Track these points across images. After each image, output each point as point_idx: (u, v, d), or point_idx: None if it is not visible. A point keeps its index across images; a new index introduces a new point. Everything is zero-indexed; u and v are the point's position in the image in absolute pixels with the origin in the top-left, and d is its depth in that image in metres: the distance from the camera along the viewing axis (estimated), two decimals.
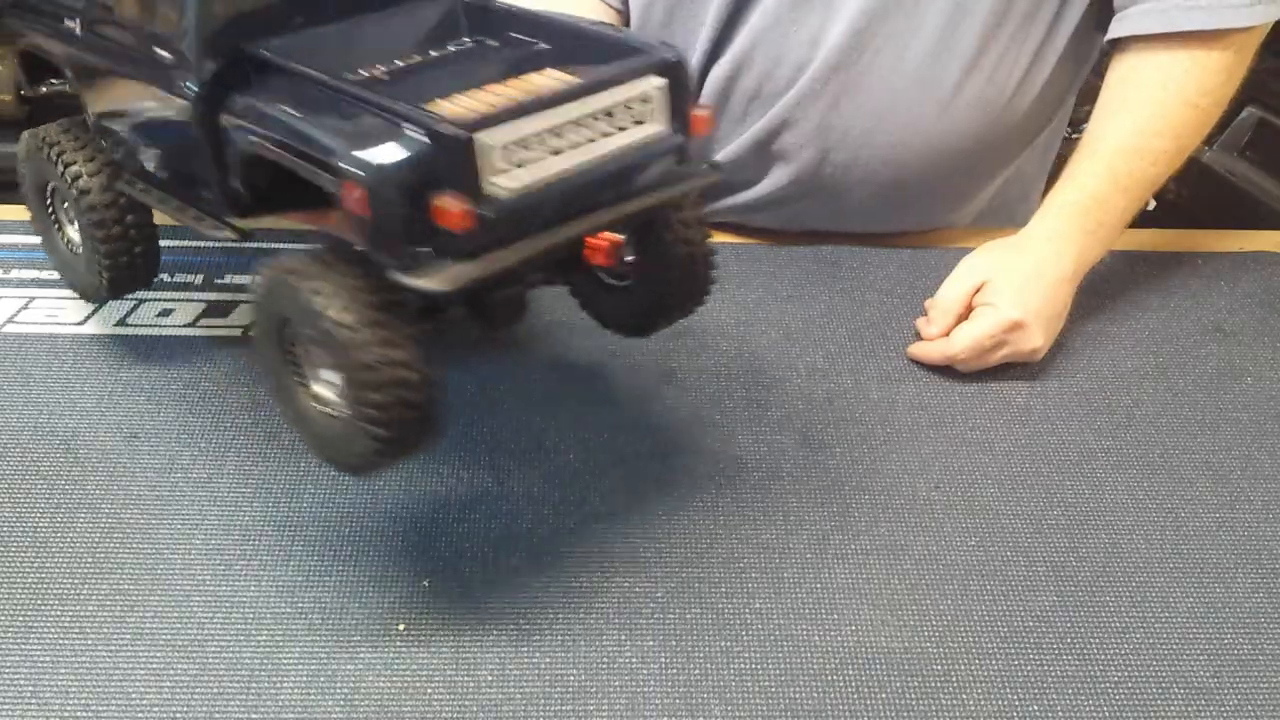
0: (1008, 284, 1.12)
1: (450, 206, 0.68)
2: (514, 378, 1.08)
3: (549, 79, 0.79)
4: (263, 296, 0.79)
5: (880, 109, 1.20)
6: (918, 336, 1.14)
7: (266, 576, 0.91)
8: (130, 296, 1.14)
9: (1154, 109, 1.17)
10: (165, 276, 1.15)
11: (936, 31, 1.18)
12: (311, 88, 0.75)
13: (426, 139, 0.69)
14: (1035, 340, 1.11)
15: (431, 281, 0.70)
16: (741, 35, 1.22)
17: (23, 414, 1.03)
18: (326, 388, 0.78)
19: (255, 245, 0.94)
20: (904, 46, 1.18)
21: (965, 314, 1.12)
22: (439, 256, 0.70)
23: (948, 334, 1.11)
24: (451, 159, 0.69)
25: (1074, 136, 2.62)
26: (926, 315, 1.15)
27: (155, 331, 1.12)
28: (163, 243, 1.01)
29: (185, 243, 1.19)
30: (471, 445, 1.02)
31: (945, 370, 1.12)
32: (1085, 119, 2.57)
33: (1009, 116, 1.25)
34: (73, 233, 1.00)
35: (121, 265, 0.97)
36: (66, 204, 0.97)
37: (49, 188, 0.98)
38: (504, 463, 1.00)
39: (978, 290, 1.13)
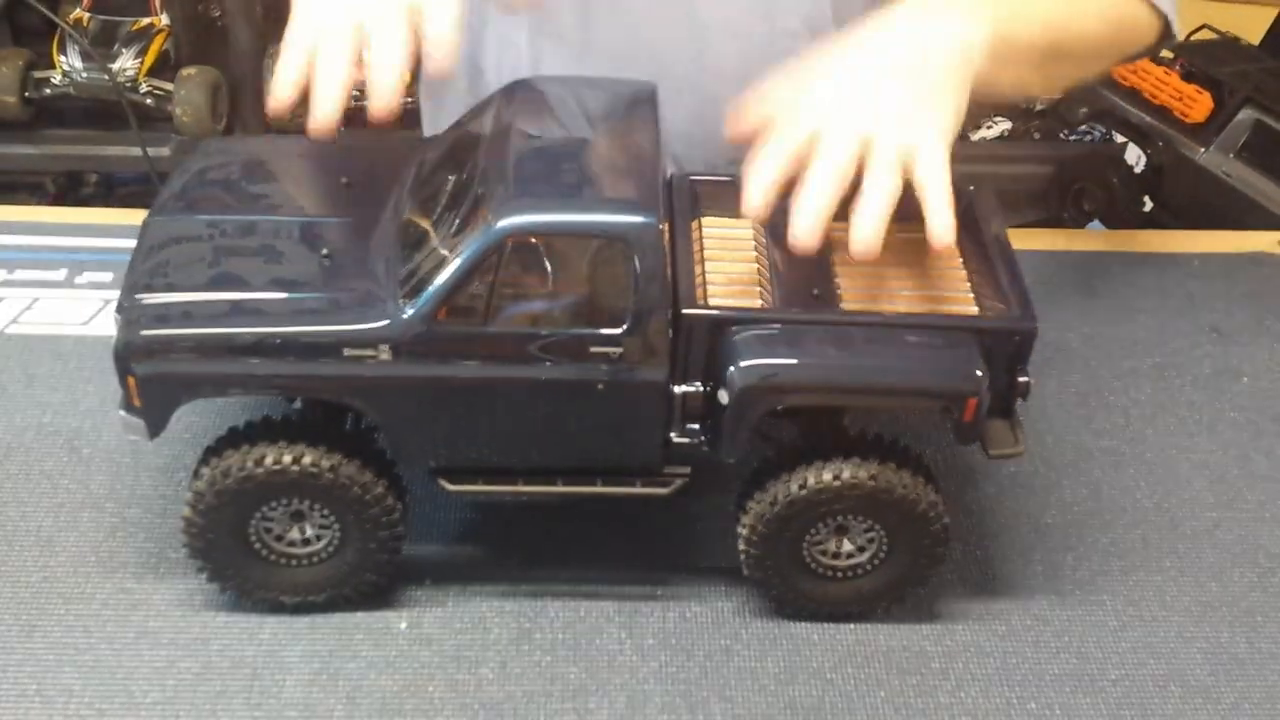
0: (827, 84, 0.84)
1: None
2: None
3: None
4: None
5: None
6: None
7: None
8: None
9: None
10: None
11: None
12: (818, 329, 0.84)
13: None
14: (910, 133, 0.81)
15: (1016, 448, 0.87)
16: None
17: (27, 414, 1.03)
18: (315, 540, 0.87)
19: None
20: None
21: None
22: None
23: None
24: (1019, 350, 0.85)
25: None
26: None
27: None
28: None
29: None
30: None
31: None
32: (1080, 120, 2.57)
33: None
34: (306, 545, 0.87)
35: (400, 544, 0.89)
36: (303, 517, 0.86)
37: (253, 517, 0.85)
38: None
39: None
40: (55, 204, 2.22)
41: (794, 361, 0.82)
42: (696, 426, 0.84)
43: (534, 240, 0.78)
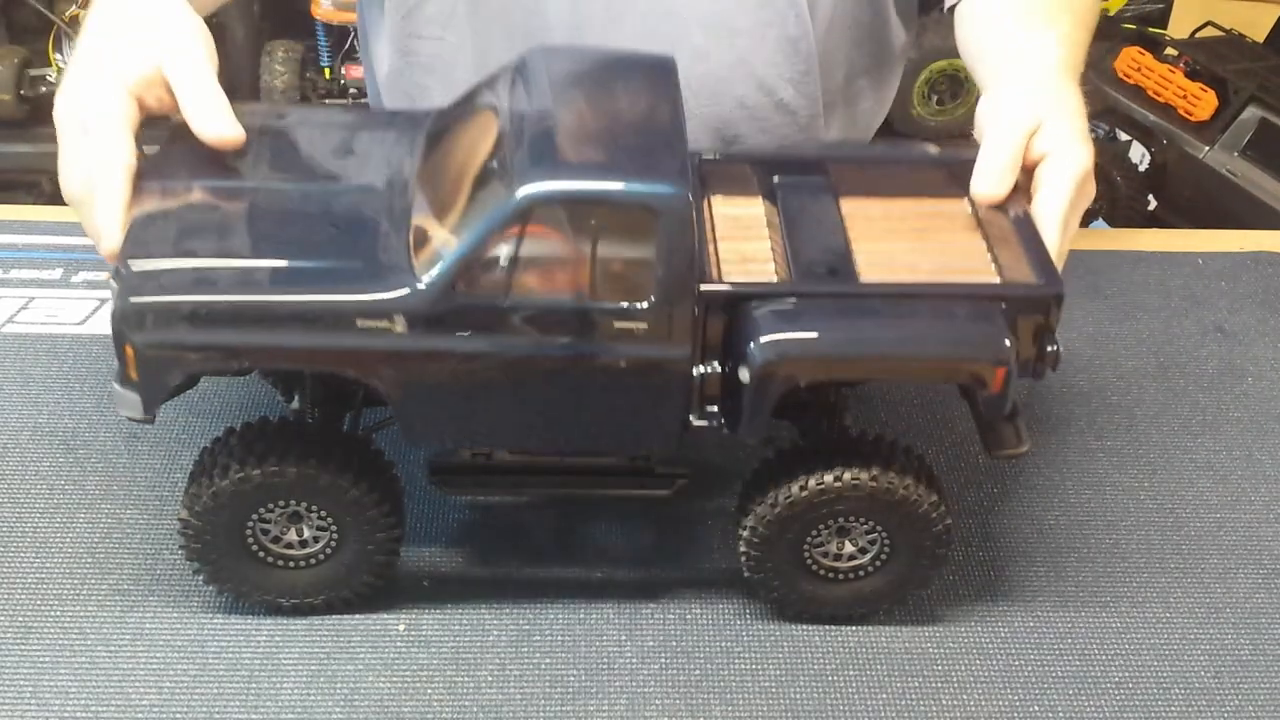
0: (1069, 124, 0.92)
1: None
2: None
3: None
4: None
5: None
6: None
7: None
8: None
9: None
10: None
11: None
12: (839, 301, 0.82)
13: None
14: (1093, 186, 0.94)
15: (1020, 447, 0.86)
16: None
17: (22, 414, 1.03)
18: (312, 541, 0.86)
19: None
20: None
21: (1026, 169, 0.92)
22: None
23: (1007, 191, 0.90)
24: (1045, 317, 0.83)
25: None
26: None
27: None
28: None
29: None
30: None
31: None
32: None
33: None
34: (303, 547, 0.86)
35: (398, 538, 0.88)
36: (300, 519, 0.85)
37: (250, 519, 0.84)
38: None
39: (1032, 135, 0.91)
40: (51, 203, 2.22)
41: (815, 335, 0.79)
42: (715, 409, 0.82)
43: (556, 210, 0.75)
